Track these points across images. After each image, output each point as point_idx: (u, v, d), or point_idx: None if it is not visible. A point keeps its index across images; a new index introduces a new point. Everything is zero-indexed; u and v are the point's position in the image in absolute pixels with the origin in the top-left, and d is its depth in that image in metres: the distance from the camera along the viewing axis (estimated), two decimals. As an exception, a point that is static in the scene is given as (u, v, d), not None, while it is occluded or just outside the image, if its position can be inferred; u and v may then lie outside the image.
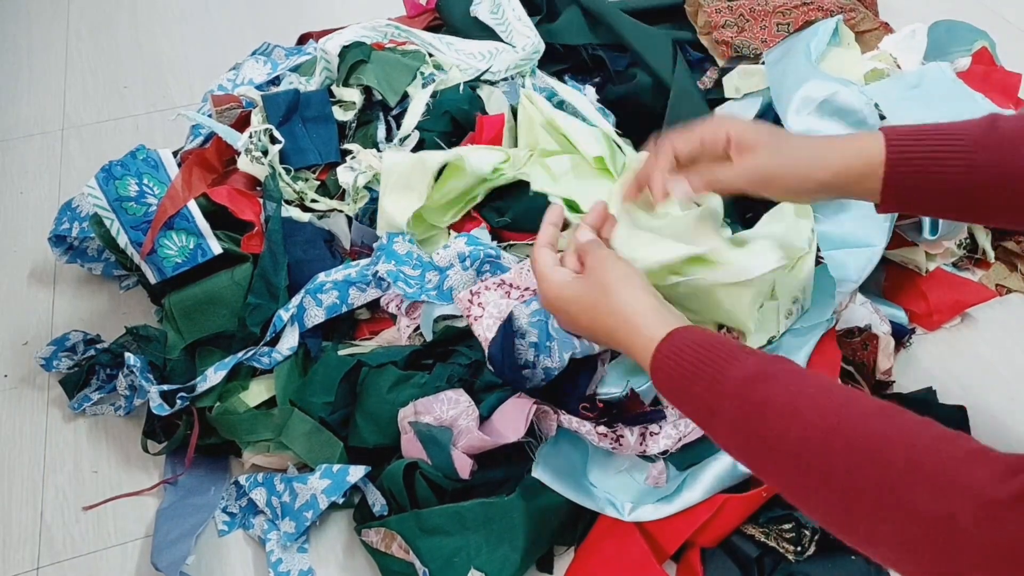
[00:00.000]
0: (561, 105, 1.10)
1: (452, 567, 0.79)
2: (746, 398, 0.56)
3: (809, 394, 0.54)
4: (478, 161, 0.99)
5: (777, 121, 1.02)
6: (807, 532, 0.79)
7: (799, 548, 0.78)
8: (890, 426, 0.50)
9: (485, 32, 1.25)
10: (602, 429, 0.84)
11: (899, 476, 0.46)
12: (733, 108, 1.12)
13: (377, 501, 0.84)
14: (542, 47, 1.21)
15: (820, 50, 1.09)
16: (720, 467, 0.81)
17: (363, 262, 0.96)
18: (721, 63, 1.19)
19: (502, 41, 1.23)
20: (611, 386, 0.87)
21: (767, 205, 0.96)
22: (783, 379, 0.56)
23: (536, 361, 0.85)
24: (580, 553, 0.82)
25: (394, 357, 0.90)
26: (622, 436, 0.84)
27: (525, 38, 1.21)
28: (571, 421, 0.83)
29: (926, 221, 0.96)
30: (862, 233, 0.92)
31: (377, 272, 0.93)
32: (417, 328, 0.94)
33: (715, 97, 1.17)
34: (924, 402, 0.92)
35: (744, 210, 1.00)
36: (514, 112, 1.10)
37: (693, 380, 0.60)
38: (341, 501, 0.84)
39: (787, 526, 0.79)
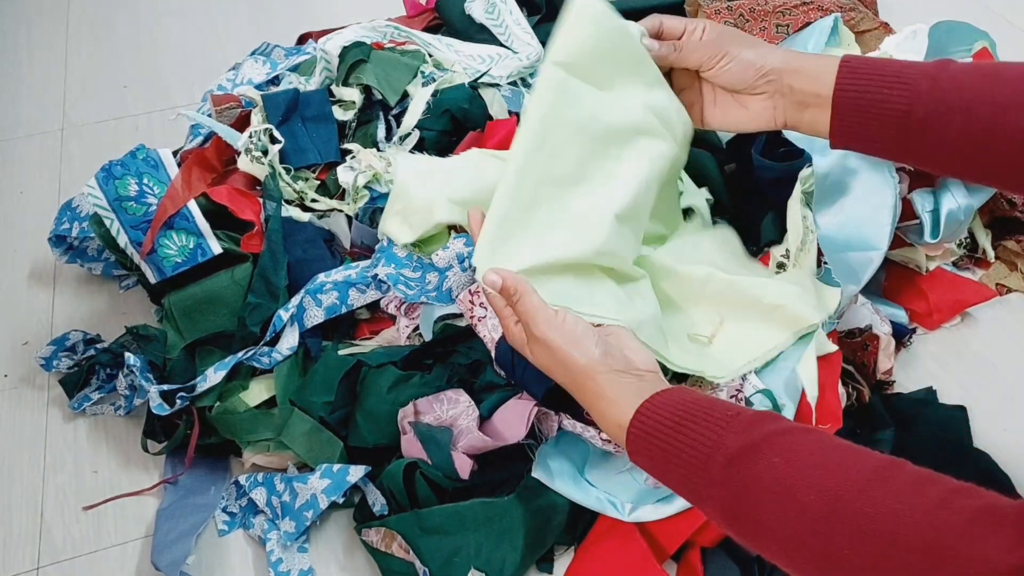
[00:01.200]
0: None
1: (452, 567, 0.79)
2: (735, 481, 0.53)
3: (800, 468, 0.51)
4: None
5: None
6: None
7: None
8: (890, 495, 0.47)
9: (484, 33, 1.25)
10: (605, 435, 0.84)
11: (911, 555, 0.45)
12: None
13: (377, 501, 0.84)
14: (543, 54, 1.21)
15: (819, 50, 1.08)
16: None
17: (363, 264, 0.96)
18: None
19: (501, 45, 1.23)
20: None
21: (761, 215, 0.96)
22: (771, 451, 0.53)
23: None
24: (580, 553, 0.82)
25: (394, 357, 0.90)
26: None
27: (527, 45, 1.21)
28: (574, 425, 0.83)
29: (926, 223, 0.96)
30: (864, 236, 0.92)
31: (377, 275, 0.93)
32: (417, 328, 0.94)
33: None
34: (924, 402, 0.92)
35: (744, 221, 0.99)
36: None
37: (676, 465, 0.57)
38: (341, 501, 0.84)
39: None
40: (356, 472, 0.83)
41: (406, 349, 0.91)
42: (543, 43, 1.23)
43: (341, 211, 1.03)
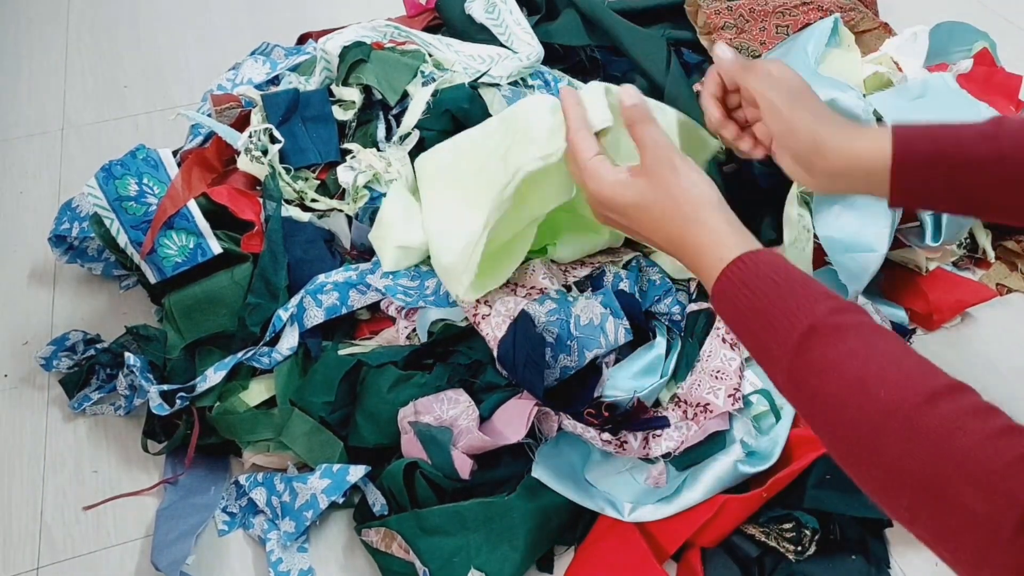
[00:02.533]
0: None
1: (452, 567, 0.79)
2: (809, 353, 0.54)
3: (878, 362, 0.52)
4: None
5: None
6: (807, 532, 0.79)
7: (799, 548, 0.78)
8: (953, 413, 0.48)
9: (484, 33, 1.25)
10: (606, 436, 0.84)
11: (953, 468, 0.46)
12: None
13: (377, 501, 0.84)
14: (542, 54, 1.21)
15: (819, 52, 1.08)
16: (720, 468, 0.81)
17: (364, 266, 0.96)
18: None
19: (502, 45, 1.23)
20: (616, 390, 0.87)
21: (760, 216, 0.96)
22: (852, 338, 0.53)
23: (554, 360, 0.85)
24: (580, 553, 0.82)
25: (394, 357, 0.89)
26: (626, 442, 0.84)
27: (527, 45, 1.21)
28: (575, 426, 0.83)
29: (927, 225, 0.96)
30: (865, 237, 0.92)
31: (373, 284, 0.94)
32: (415, 329, 0.94)
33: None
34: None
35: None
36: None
37: (756, 316, 0.57)
38: (341, 501, 0.84)
39: (787, 526, 0.79)
40: (356, 472, 0.83)
41: (406, 349, 0.91)
42: (543, 43, 1.23)
43: (341, 211, 1.03)
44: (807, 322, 0.54)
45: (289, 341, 0.93)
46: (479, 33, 1.25)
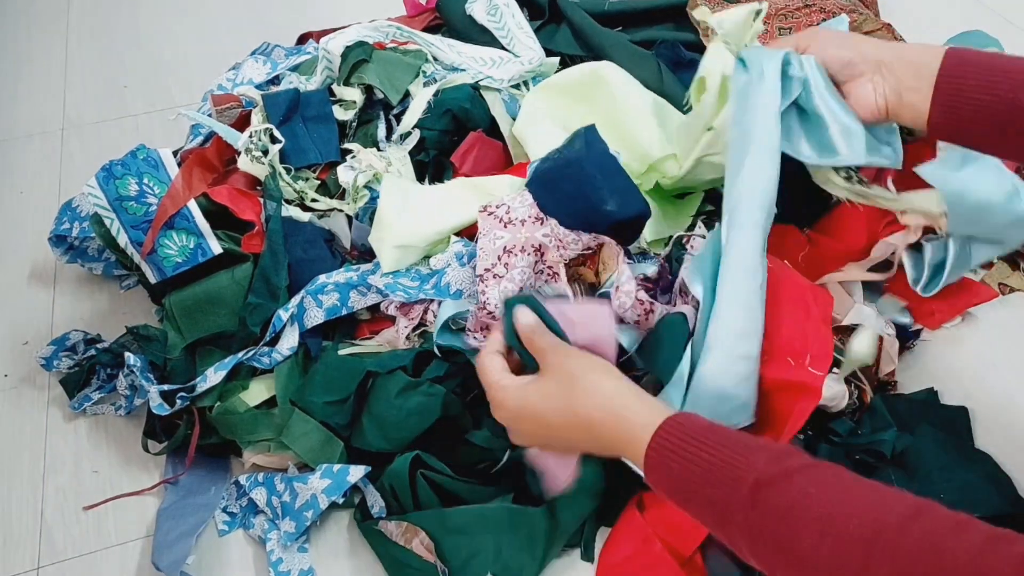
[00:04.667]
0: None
1: (470, 568, 0.78)
2: (764, 504, 0.52)
3: (838, 498, 0.50)
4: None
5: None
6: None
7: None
8: (934, 531, 0.46)
9: (485, 35, 1.24)
10: (642, 295, 0.83)
11: None
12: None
13: (376, 503, 0.84)
14: (544, 58, 1.21)
15: None
16: None
17: (365, 267, 0.96)
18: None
19: (503, 48, 1.23)
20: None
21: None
22: (806, 480, 0.52)
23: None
24: (602, 560, 0.82)
25: (402, 362, 0.89)
26: (651, 312, 0.84)
27: (529, 49, 1.20)
28: (624, 273, 0.82)
29: (924, 274, 0.95)
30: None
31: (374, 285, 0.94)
32: (416, 328, 0.93)
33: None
34: (926, 403, 0.92)
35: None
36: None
37: (701, 482, 0.56)
38: (341, 501, 0.84)
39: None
40: (356, 472, 0.83)
41: (411, 352, 0.90)
42: (545, 48, 1.23)
43: (341, 211, 1.03)
44: (751, 476, 0.53)
45: (289, 341, 0.93)
46: (480, 34, 1.25)
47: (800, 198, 0.89)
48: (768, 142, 0.78)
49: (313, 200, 1.04)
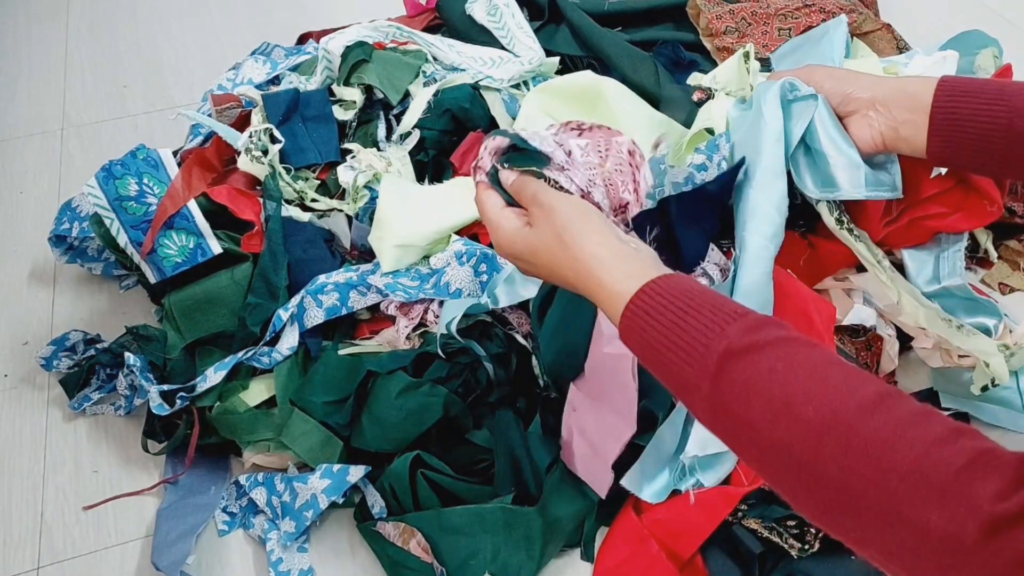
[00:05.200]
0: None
1: (468, 568, 0.79)
2: (728, 377, 0.51)
3: (801, 378, 0.49)
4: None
5: None
6: (812, 529, 0.78)
7: (804, 545, 0.78)
8: (890, 423, 0.46)
9: (484, 35, 1.24)
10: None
11: (899, 482, 0.44)
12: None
13: (376, 503, 0.84)
14: (544, 58, 1.21)
15: (840, 60, 1.08)
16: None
17: (364, 267, 0.96)
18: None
19: (503, 48, 1.23)
20: None
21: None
22: (774, 355, 0.51)
23: None
24: (599, 563, 0.82)
25: (403, 363, 0.89)
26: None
27: (528, 49, 1.20)
28: None
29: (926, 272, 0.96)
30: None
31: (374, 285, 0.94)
32: (416, 328, 0.93)
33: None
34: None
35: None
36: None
37: (667, 348, 0.54)
38: (341, 501, 0.84)
39: (792, 523, 0.79)
40: (356, 472, 0.83)
41: (412, 353, 0.90)
42: (545, 49, 1.23)
43: (341, 211, 1.03)
44: (722, 345, 0.52)
45: (289, 341, 0.93)
46: (479, 34, 1.25)
47: (802, 203, 0.90)
48: (774, 165, 0.80)
49: (313, 200, 1.04)
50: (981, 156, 0.71)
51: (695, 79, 0.90)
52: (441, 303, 0.91)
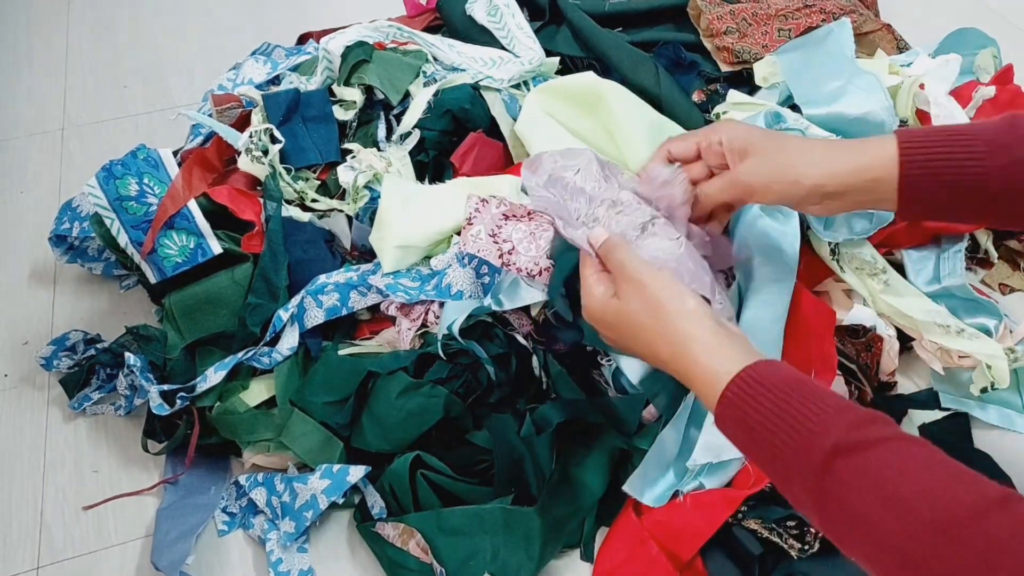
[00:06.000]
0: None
1: (467, 569, 0.78)
2: (838, 472, 0.50)
3: (914, 476, 0.48)
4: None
5: (796, 110, 1.01)
6: (812, 529, 0.78)
7: (804, 545, 0.78)
8: (1005, 530, 0.44)
9: (485, 35, 1.24)
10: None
11: None
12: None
13: (376, 504, 0.84)
14: (544, 58, 1.21)
15: (845, 59, 1.07)
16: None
17: (365, 267, 0.96)
18: (724, 68, 1.19)
19: (503, 48, 1.23)
20: None
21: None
22: (882, 451, 0.50)
23: None
24: (598, 565, 0.82)
25: (403, 362, 0.88)
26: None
27: (529, 49, 1.20)
28: None
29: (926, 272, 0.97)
30: None
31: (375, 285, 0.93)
32: (419, 330, 0.93)
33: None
34: (926, 405, 0.92)
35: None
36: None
37: (770, 434, 0.54)
38: (341, 501, 0.84)
39: (792, 523, 0.79)
40: (356, 472, 0.83)
41: (414, 353, 0.90)
42: (545, 49, 1.23)
43: (341, 211, 1.03)
44: (829, 441, 0.51)
45: (289, 341, 0.93)
46: (480, 35, 1.25)
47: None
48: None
49: (313, 200, 1.04)
50: (955, 214, 0.67)
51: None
52: (442, 304, 0.91)
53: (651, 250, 0.69)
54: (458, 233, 0.97)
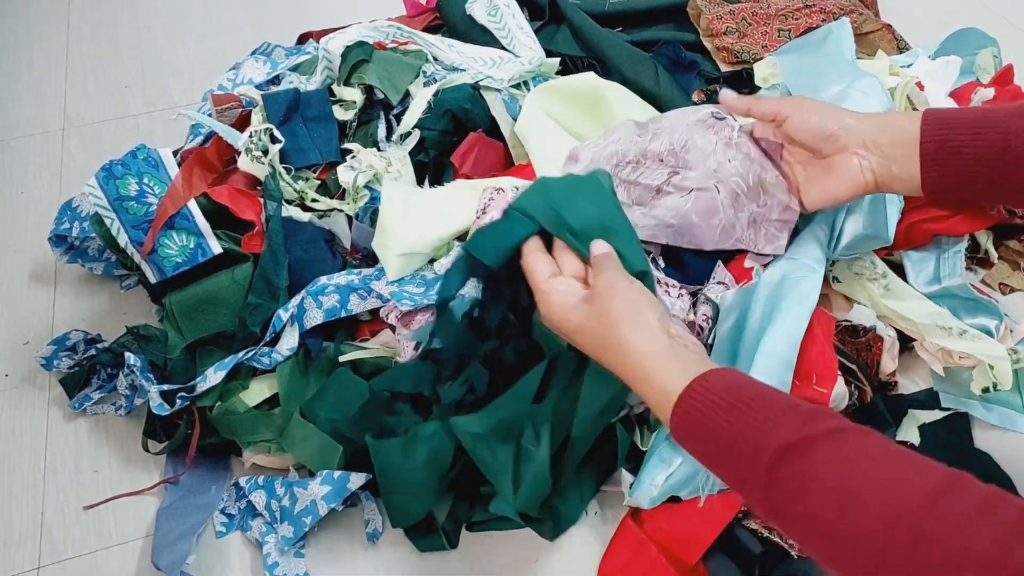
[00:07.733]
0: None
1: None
2: (784, 473, 0.51)
3: (861, 469, 0.49)
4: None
5: None
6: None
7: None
8: (958, 516, 0.45)
9: (485, 35, 1.24)
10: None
11: (975, 571, 0.43)
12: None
13: (373, 520, 0.84)
14: (544, 58, 1.21)
15: (845, 58, 1.07)
16: None
17: (367, 271, 0.96)
18: (724, 68, 1.19)
19: (503, 48, 1.23)
20: None
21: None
22: (829, 448, 0.50)
23: None
24: (602, 568, 0.82)
25: (419, 385, 0.87)
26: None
27: (529, 49, 1.20)
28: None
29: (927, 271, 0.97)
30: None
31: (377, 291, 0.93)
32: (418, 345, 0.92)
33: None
34: (926, 405, 0.92)
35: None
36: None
37: (721, 447, 0.54)
38: (341, 508, 0.83)
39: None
40: (357, 479, 0.83)
41: (431, 370, 0.88)
42: (546, 49, 1.23)
43: (341, 211, 1.03)
44: (774, 441, 0.52)
45: (289, 341, 0.93)
46: (480, 35, 1.25)
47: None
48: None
49: (313, 200, 1.04)
50: (978, 181, 0.69)
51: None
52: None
53: (659, 212, 0.82)
54: (460, 237, 0.97)
